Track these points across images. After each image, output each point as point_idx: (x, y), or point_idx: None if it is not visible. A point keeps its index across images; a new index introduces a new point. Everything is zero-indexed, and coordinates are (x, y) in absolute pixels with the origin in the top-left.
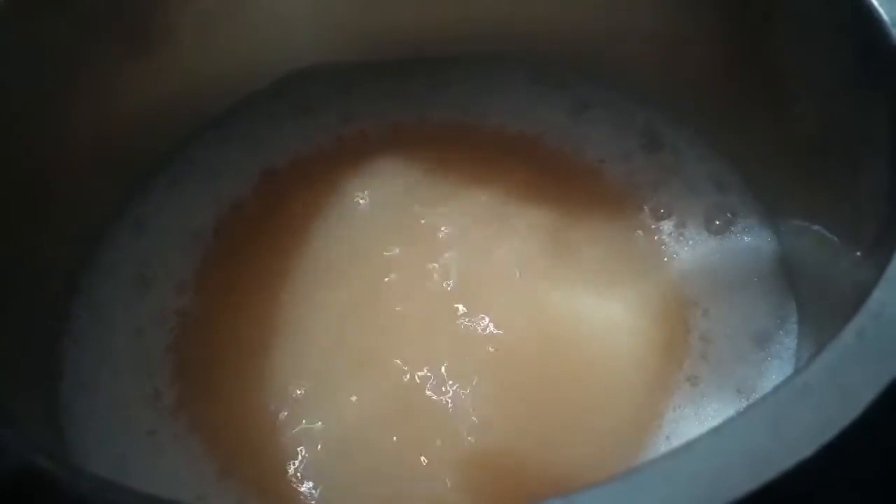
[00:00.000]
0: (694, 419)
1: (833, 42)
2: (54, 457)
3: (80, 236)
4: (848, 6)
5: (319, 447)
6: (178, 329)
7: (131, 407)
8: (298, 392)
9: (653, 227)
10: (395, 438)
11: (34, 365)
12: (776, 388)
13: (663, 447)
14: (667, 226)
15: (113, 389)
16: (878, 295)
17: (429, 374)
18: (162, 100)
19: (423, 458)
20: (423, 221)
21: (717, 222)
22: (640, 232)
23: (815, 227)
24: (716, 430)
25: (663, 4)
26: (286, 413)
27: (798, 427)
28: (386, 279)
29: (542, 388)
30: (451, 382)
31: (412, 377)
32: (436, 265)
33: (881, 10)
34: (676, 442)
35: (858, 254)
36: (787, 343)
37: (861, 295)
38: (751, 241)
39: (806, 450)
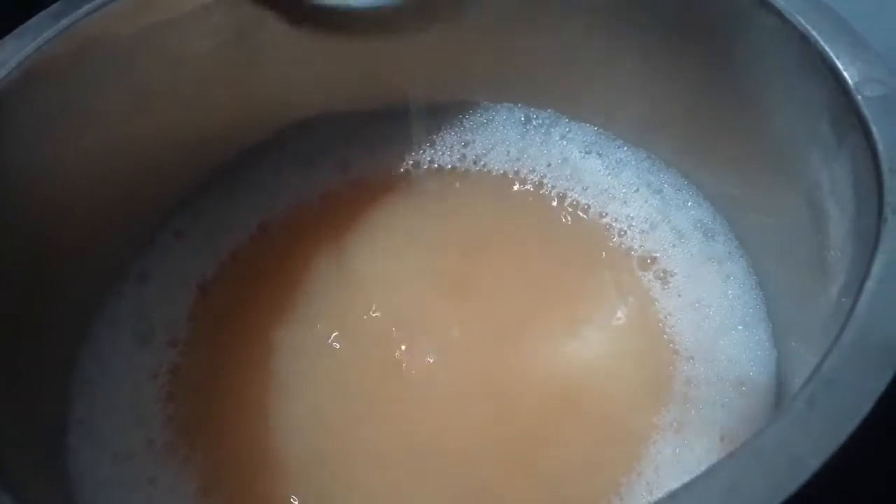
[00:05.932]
0: (677, 465)
1: (806, 103)
2: None
3: (87, 291)
4: (818, 73)
5: (311, 493)
6: (173, 380)
7: (133, 457)
8: (291, 444)
9: (640, 271)
10: (391, 486)
11: (45, 417)
12: (730, 454)
13: (644, 496)
14: (654, 270)
15: (116, 441)
16: (830, 362)
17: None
18: (166, 154)
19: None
20: (422, 270)
21: (703, 268)
22: (626, 276)
23: (796, 274)
24: (672, 496)
25: (648, 59)
26: (280, 466)
27: (749, 493)
28: (384, 330)
29: (522, 430)
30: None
31: (408, 426)
32: (434, 314)
33: (846, 76)
34: (657, 490)
35: (833, 302)
36: (769, 390)
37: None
38: (735, 287)
39: None
